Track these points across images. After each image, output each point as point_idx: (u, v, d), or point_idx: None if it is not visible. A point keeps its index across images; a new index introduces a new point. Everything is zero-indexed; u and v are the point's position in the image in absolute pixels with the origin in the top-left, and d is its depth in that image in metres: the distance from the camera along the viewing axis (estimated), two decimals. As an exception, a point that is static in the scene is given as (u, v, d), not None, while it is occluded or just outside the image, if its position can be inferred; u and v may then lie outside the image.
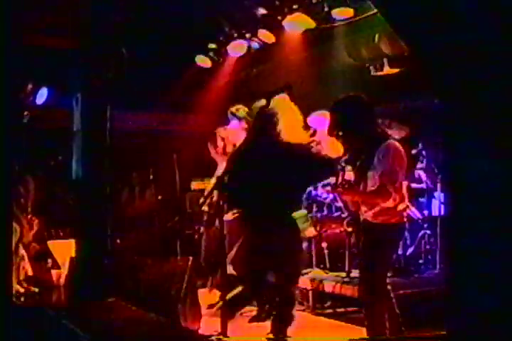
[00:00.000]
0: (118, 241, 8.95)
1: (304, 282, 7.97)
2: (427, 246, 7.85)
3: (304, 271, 8.25)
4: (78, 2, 6.78)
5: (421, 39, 3.75)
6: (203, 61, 10.47)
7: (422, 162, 8.28)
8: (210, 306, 7.20)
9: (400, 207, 5.48)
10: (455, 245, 3.74)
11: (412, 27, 3.68)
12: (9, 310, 5.44)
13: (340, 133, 5.56)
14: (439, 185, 7.94)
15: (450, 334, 4.05)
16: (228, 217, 7.38)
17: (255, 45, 9.65)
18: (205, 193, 8.98)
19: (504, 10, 3.17)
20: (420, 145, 8.22)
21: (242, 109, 8.72)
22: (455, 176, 3.73)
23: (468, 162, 3.65)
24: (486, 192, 3.45)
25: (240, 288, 6.55)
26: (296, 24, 8.87)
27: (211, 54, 10.29)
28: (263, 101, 5.17)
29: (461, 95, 3.62)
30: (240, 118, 8.70)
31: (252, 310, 7.43)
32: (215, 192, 5.69)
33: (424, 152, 8.23)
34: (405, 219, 5.71)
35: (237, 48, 9.88)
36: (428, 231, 7.88)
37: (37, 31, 8.31)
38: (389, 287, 5.58)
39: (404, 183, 5.70)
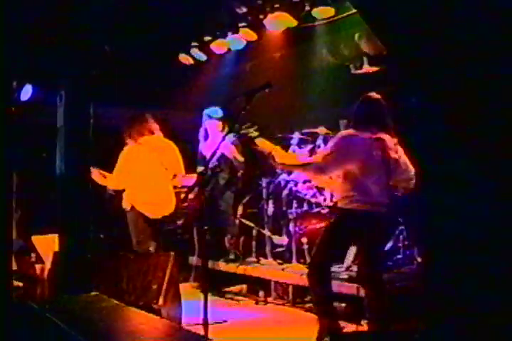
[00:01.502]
0: (101, 236, 8.96)
1: (284, 276, 8.02)
2: (405, 242, 7.87)
3: (284, 266, 8.31)
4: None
5: (397, 39, 3.79)
6: (186, 59, 10.48)
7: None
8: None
9: (346, 193, 5.77)
10: (431, 237, 3.79)
11: (388, 27, 3.73)
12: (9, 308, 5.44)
13: None
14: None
15: (427, 327, 4.10)
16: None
17: (237, 43, 9.67)
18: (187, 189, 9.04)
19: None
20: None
21: (218, 111, 8.82)
22: (428, 172, 3.78)
23: (443, 155, 3.70)
24: (459, 187, 3.50)
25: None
26: (278, 23, 8.90)
27: (194, 52, 10.29)
28: (243, 100, 5.20)
29: (437, 94, 3.67)
30: (216, 119, 8.82)
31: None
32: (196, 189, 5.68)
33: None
34: (363, 208, 5.76)
35: (219, 46, 9.89)
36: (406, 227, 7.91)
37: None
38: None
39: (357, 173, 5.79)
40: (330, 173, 5.85)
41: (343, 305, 7.07)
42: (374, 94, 6.01)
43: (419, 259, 7.56)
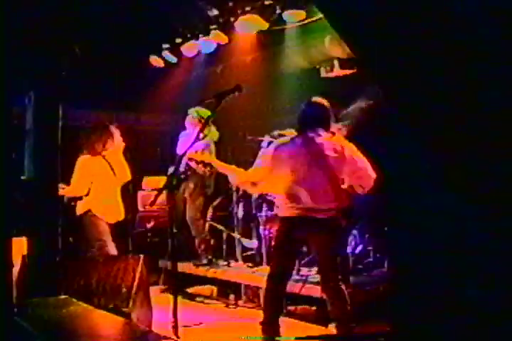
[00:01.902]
0: (70, 239, 8.91)
1: (254, 280, 8.02)
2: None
3: (254, 269, 8.32)
4: None
5: (363, 42, 3.82)
6: (156, 61, 10.48)
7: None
8: None
9: (280, 202, 5.94)
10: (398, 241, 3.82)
11: (354, 30, 3.75)
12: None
13: None
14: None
15: (395, 330, 4.13)
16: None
17: (208, 46, 9.68)
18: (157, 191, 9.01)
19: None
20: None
21: (203, 111, 8.80)
22: (395, 177, 3.81)
23: (410, 161, 3.73)
24: (427, 189, 3.53)
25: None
26: (249, 25, 8.92)
27: (164, 54, 10.28)
28: (213, 102, 5.21)
29: (403, 96, 3.70)
30: (198, 119, 8.82)
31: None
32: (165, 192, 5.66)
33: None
34: (299, 214, 5.81)
35: (189, 49, 9.90)
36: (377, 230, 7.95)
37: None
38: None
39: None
40: (261, 185, 6.03)
41: (314, 308, 7.11)
42: (318, 98, 6.08)
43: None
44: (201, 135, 8.62)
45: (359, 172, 5.84)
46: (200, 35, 9.57)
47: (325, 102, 6.04)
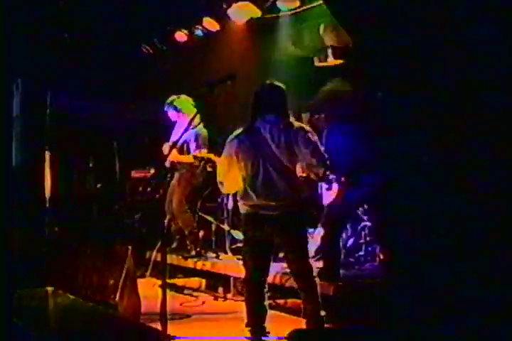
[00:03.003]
0: (56, 229, 8.87)
1: (243, 272, 8.00)
2: (367, 238, 7.89)
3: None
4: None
5: (364, 30, 3.80)
6: (146, 48, 10.43)
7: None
8: None
9: (244, 198, 5.66)
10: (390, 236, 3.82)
11: (355, 19, 3.73)
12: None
13: None
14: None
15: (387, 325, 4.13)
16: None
17: (199, 32, 9.64)
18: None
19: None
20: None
21: (180, 100, 8.78)
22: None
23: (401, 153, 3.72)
24: (418, 183, 3.53)
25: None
26: (242, 13, 8.89)
27: (155, 41, 10.24)
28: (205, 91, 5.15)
29: (403, 88, 3.69)
30: (177, 109, 8.79)
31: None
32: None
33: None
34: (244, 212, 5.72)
35: (181, 35, 9.87)
36: (368, 223, 7.92)
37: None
38: None
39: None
40: (226, 185, 5.78)
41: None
42: (272, 81, 5.85)
43: (381, 256, 7.59)
44: (192, 124, 8.60)
45: (308, 159, 5.58)
46: (192, 23, 9.52)
47: (280, 85, 5.81)
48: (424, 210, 3.63)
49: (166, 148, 8.65)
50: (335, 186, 7.04)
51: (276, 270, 7.45)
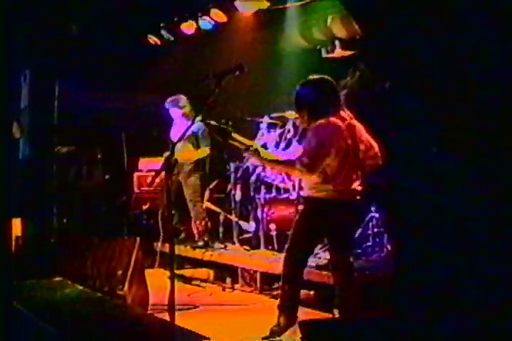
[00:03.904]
0: (64, 220, 8.90)
1: (251, 263, 8.02)
2: (375, 229, 7.90)
3: (252, 252, 8.32)
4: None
5: (374, 20, 3.79)
6: (154, 40, 10.43)
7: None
8: None
9: (329, 184, 5.63)
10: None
11: (367, 9, 3.73)
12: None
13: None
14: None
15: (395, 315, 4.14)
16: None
17: (207, 24, 9.63)
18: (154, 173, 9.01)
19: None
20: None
21: (183, 99, 8.84)
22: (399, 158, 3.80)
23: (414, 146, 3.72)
24: (431, 174, 3.53)
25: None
26: (249, 4, 8.87)
27: (163, 32, 10.23)
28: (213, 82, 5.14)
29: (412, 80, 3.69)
30: (180, 107, 8.84)
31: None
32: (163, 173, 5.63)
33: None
34: (336, 196, 5.71)
35: (188, 27, 9.86)
36: (376, 214, 7.92)
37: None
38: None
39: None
40: (318, 171, 5.61)
41: (312, 292, 7.11)
42: (324, 76, 5.85)
43: (389, 247, 7.60)
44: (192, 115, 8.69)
45: (374, 152, 5.84)
46: (199, 14, 9.51)
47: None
48: (433, 202, 3.64)
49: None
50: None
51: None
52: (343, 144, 5.59)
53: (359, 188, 5.70)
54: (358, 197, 5.69)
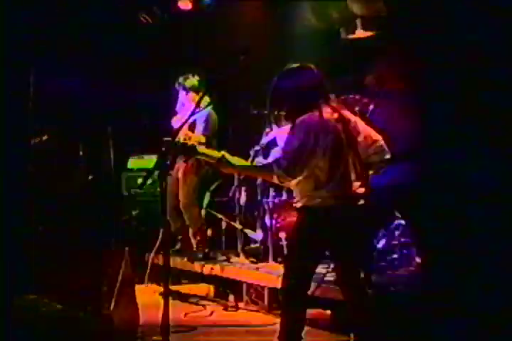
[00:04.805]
0: (40, 228, 8.84)
1: (258, 278, 7.98)
2: (402, 239, 7.84)
3: (259, 265, 8.28)
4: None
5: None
6: (146, 18, 10.44)
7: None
8: None
9: (323, 190, 5.45)
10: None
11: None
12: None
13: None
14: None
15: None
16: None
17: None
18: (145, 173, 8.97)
19: None
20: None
21: (189, 79, 8.81)
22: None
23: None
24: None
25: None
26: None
27: (154, 9, 10.25)
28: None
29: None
30: (186, 89, 8.81)
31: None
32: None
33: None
34: (332, 203, 5.62)
35: (185, 3, 9.87)
36: (402, 221, 7.86)
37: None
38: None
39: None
40: (299, 175, 5.44)
41: (328, 312, 7.06)
42: (303, 65, 5.66)
43: (418, 260, 7.55)
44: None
45: (379, 146, 5.68)
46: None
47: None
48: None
49: (175, 120, 8.75)
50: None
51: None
52: (331, 142, 5.46)
53: (361, 191, 5.56)
54: (362, 202, 5.57)
